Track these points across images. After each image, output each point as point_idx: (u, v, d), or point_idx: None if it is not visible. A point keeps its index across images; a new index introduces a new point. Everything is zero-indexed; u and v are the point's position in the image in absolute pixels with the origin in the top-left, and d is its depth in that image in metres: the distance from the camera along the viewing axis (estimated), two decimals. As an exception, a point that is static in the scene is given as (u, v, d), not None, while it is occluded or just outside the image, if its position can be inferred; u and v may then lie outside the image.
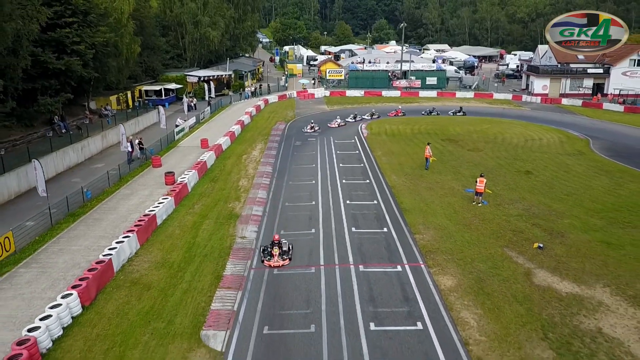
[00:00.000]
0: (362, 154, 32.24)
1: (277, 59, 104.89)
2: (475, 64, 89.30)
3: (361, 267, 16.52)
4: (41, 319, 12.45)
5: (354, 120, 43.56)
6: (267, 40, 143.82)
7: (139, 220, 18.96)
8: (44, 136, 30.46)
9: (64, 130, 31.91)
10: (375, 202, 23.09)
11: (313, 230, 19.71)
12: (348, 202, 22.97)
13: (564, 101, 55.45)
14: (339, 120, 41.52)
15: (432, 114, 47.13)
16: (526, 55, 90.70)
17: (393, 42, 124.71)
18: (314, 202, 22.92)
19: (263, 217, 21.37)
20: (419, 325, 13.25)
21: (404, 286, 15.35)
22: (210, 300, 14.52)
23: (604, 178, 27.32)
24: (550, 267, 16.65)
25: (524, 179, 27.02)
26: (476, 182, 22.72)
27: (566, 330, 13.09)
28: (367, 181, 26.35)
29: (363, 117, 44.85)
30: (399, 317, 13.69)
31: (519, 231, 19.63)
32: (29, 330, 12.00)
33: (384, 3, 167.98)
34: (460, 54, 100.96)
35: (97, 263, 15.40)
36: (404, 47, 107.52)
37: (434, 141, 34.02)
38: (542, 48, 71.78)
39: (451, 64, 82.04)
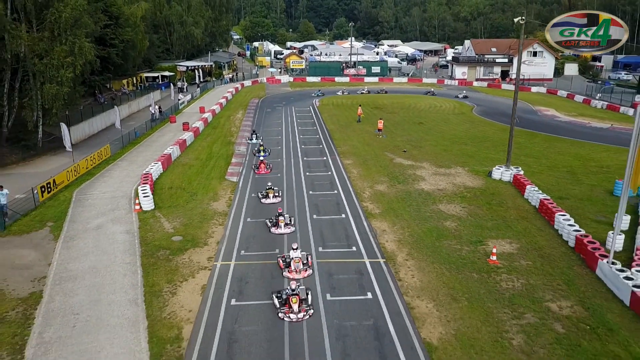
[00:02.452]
0: (314, 115, 46.68)
1: (247, 53, 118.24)
2: (418, 57, 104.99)
3: (305, 159, 30.96)
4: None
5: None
6: (238, 36, 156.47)
7: (176, 142, 32.81)
8: (90, 103, 43.64)
9: (102, 101, 45.11)
10: (318, 136, 37.59)
11: (279, 147, 33.99)
12: (301, 136, 37.37)
13: (475, 84, 71.33)
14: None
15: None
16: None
17: (352, 39, 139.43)
18: (280, 137, 37.21)
19: (248, 144, 35.50)
20: (329, 173, 27.80)
21: (326, 164, 29.88)
22: (226, 169, 28.58)
23: (467, 125, 42.59)
24: (405, 157, 31.40)
25: (416, 126, 41.93)
26: (378, 123, 37.51)
27: (398, 173, 27.76)
28: (315, 128, 40.81)
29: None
30: (321, 170, 28.24)
31: (397, 146, 34.37)
32: (146, 173, 25.78)
33: (344, 2, 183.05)
34: (409, 49, 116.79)
35: (163, 154, 29.27)
36: (362, 43, 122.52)
37: (365, 109, 48.50)
38: (467, 43, 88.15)
39: (396, 56, 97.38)
